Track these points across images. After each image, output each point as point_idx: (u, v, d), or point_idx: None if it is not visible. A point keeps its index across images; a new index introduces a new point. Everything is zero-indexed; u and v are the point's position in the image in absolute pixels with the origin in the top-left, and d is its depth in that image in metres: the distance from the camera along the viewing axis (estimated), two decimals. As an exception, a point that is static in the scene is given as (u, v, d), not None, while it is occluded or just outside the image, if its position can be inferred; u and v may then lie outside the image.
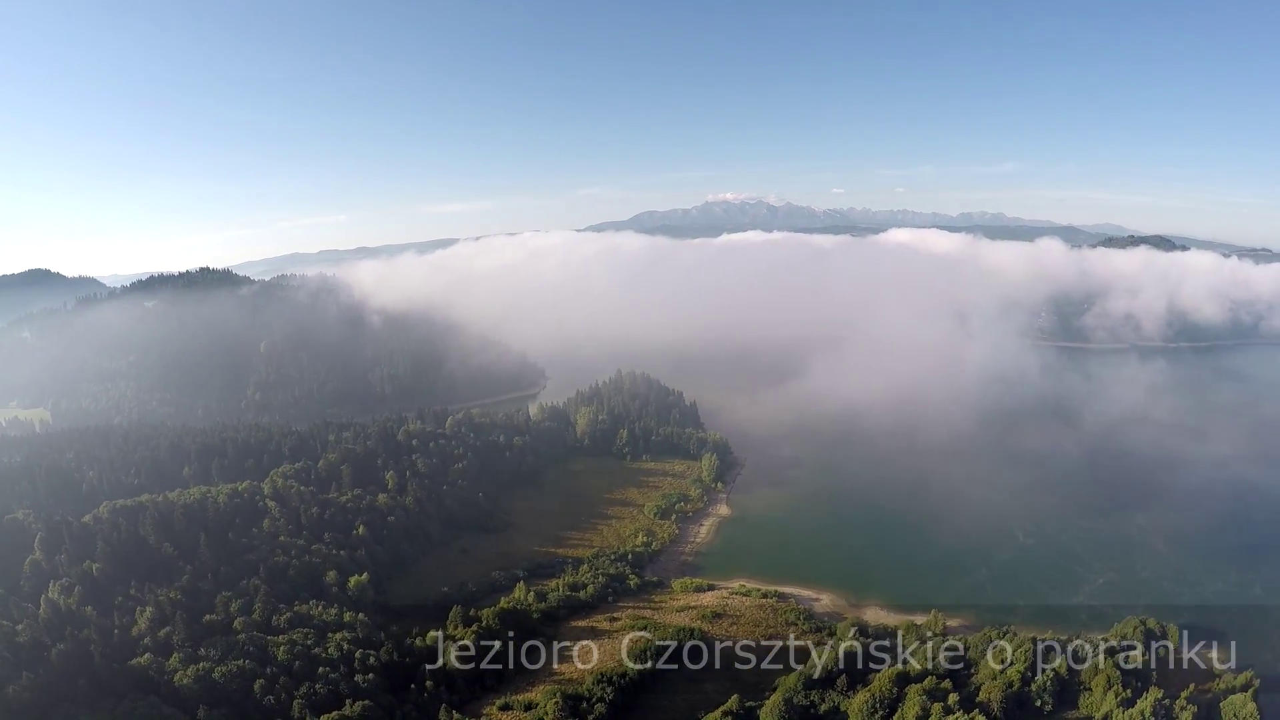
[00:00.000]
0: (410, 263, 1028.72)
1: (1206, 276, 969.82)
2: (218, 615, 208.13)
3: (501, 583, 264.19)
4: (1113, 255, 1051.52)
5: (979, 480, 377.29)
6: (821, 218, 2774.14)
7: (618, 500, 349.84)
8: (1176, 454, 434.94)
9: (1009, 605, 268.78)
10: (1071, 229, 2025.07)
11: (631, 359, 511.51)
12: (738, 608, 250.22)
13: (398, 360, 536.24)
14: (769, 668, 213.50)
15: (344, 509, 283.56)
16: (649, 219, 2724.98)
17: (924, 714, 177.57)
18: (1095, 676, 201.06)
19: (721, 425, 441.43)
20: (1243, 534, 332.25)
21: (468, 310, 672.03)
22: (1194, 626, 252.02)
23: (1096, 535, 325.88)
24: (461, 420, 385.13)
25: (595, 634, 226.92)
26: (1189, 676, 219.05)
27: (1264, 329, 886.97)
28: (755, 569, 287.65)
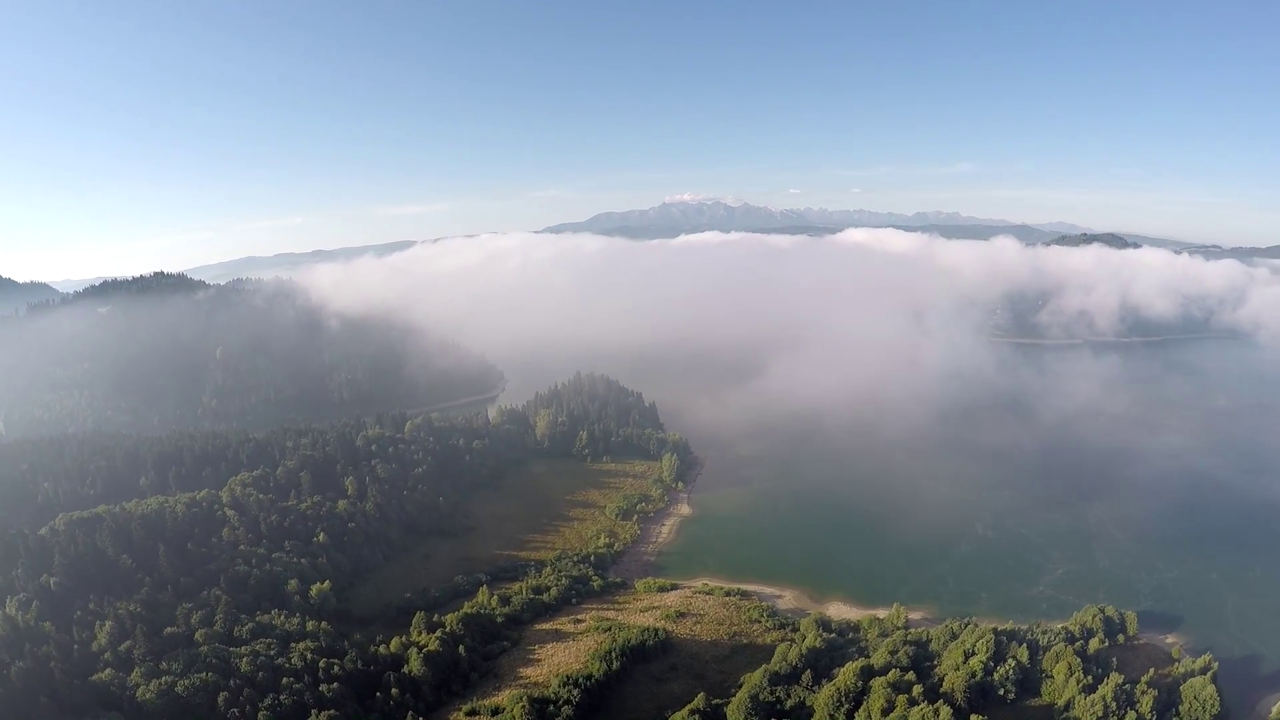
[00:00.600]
0: (368, 265, 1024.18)
1: (1158, 273, 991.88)
2: (179, 627, 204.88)
3: (464, 587, 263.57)
4: (1066, 253, 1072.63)
5: (938, 475, 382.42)
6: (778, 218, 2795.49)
7: (579, 502, 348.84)
8: (1131, 446, 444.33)
9: (971, 597, 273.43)
10: (1026, 228, 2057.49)
11: (591, 361, 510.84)
12: (701, 607, 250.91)
13: (356, 365, 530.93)
14: (734, 665, 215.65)
15: (304, 516, 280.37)
16: (607, 220, 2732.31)
17: (889, 706, 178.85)
18: (1057, 664, 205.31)
19: (682, 425, 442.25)
20: (1198, 522, 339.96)
21: (427, 313, 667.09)
22: (1152, 613, 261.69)
23: (1055, 527, 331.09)
24: (421, 425, 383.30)
25: (560, 636, 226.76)
26: (1149, 661, 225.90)
27: (1215, 323, 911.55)
28: (718, 567, 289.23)
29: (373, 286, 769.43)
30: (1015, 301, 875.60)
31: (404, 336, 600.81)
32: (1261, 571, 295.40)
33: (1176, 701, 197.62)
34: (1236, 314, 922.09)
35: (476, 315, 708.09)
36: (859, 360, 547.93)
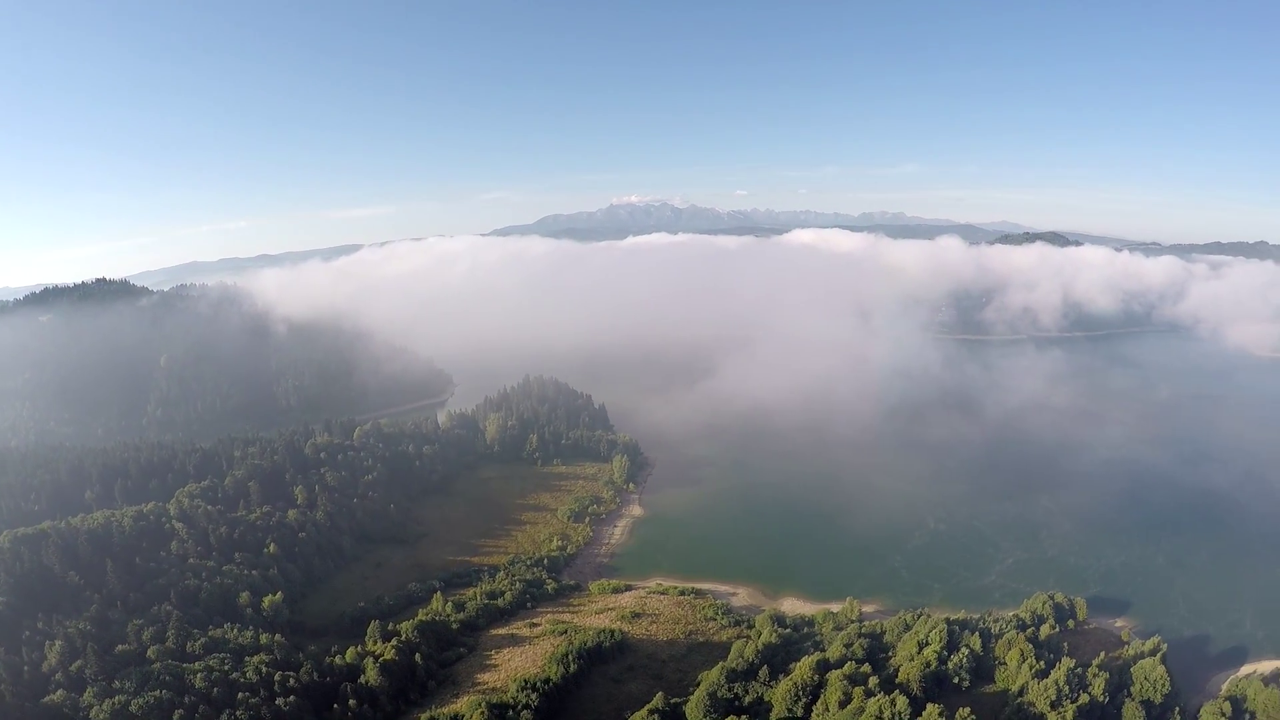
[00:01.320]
0: (315, 270, 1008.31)
1: (1100, 270, 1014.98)
2: (130, 645, 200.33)
3: (418, 594, 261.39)
4: (1010, 251, 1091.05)
5: (888, 471, 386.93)
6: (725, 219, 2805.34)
7: (531, 505, 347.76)
8: (1076, 438, 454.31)
9: (925, 588, 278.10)
10: (970, 227, 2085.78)
11: (541, 364, 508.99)
12: (656, 607, 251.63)
13: (303, 371, 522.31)
14: (691, 664, 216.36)
15: (253, 527, 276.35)
16: (554, 222, 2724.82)
17: (846, 698, 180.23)
18: (1009, 651, 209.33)
19: (632, 427, 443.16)
20: (1143, 510, 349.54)
21: (375, 318, 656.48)
22: (1101, 598, 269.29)
23: (1004, 517, 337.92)
24: (370, 431, 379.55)
25: (516, 641, 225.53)
26: (1099, 645, 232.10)
27: (1155, 317, 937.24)
28: (671, 567, 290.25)
29: (320, 291, 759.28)
30: (961, 299, 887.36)
31: (352, 342, 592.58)
32: (1207, 555, 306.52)
33: (1128, 683, 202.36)
34: (1176, 308, 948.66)
35: (425, 319, 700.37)
36: (808, 360, 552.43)
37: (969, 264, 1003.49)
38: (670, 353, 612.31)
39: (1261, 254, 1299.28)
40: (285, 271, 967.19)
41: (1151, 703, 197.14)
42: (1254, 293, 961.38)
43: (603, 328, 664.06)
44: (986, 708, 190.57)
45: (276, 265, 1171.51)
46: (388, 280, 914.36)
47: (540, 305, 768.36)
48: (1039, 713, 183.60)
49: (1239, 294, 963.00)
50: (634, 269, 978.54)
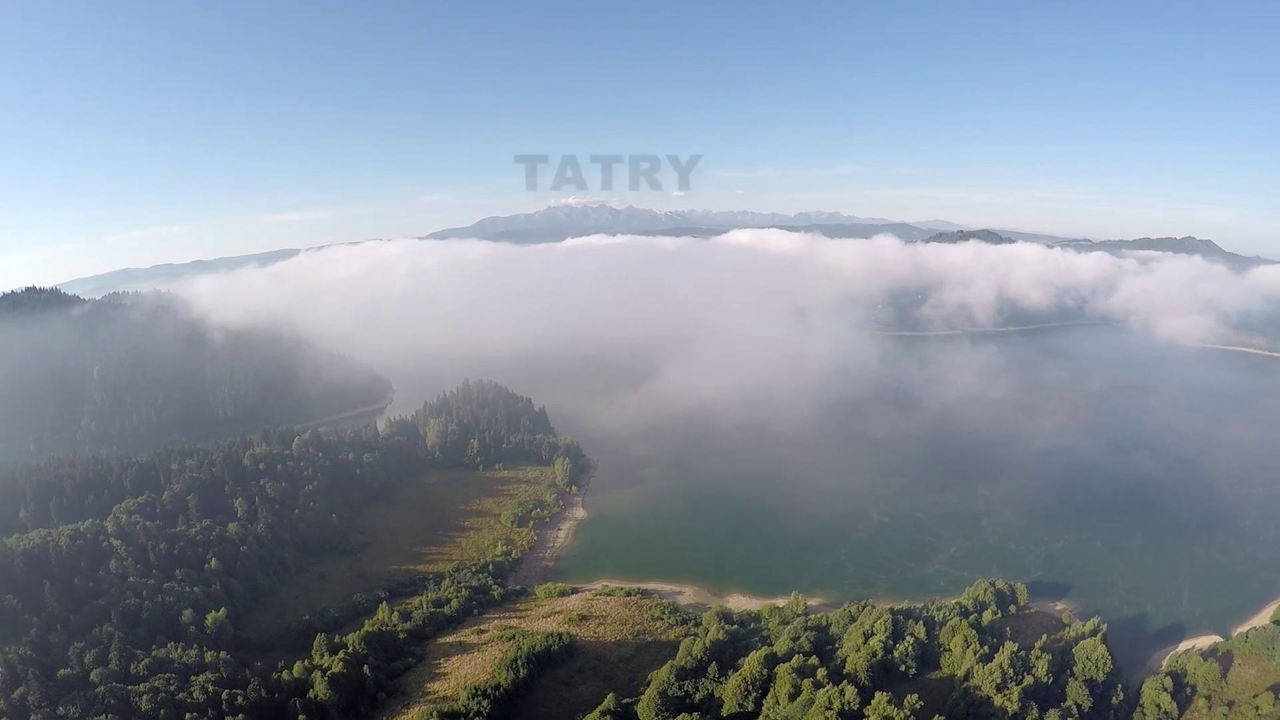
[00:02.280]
0: (251, 276, 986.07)
1: (1033, 266, 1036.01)
2: (72, 669, 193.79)
3: (364, 605, 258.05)
4: (945, 249, 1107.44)
5: (830, 466, 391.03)
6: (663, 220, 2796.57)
7: (474, 511, 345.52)
8: (1012, 429, 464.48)
9: (871, 579, 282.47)
10: (905, 226, 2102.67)
11: (482, 368, 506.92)
12: (603, 608, 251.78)
13: (240, 380, 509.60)
14: (640, 663, 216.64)
15: (194, 542, 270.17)
16: (492, 225, 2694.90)
17: (795, 690, 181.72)
18: (953, 638, 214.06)
19: (574, 429, 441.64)
20: (1080, 497, 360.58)
21: (313, 324, 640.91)
22: (1042, 583, 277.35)
23: (945, 508, 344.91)
24: (309, 440, 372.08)
25: (464, 648, 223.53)
26: (1041, 628, 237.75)
27: (1088, 311, 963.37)
28: (617, 568, 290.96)
29: (256, 298, 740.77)
30: (897, 297, 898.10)
31: (289, 349, 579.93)
32: (1142, 538, 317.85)
33: (1070, 663, 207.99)
34: (1108, 302, 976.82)
35: (364, 325, 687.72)
36: (747, 359, 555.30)
37: (905, 262, 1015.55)
38: (611, 354, 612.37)
39: (1189, 249, 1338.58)
40: (220, 278, 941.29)
41: (1094, 681, 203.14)
42: (1182, 286, 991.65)
43: (543, 331, 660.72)
44: (934, 693, 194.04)
45: (211, 271, 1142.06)
46: (326, 286, 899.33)
47: (480, 309, 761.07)
48: (985, 696, 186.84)
49: (1168, 288, 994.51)
50: (573, 271, 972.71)
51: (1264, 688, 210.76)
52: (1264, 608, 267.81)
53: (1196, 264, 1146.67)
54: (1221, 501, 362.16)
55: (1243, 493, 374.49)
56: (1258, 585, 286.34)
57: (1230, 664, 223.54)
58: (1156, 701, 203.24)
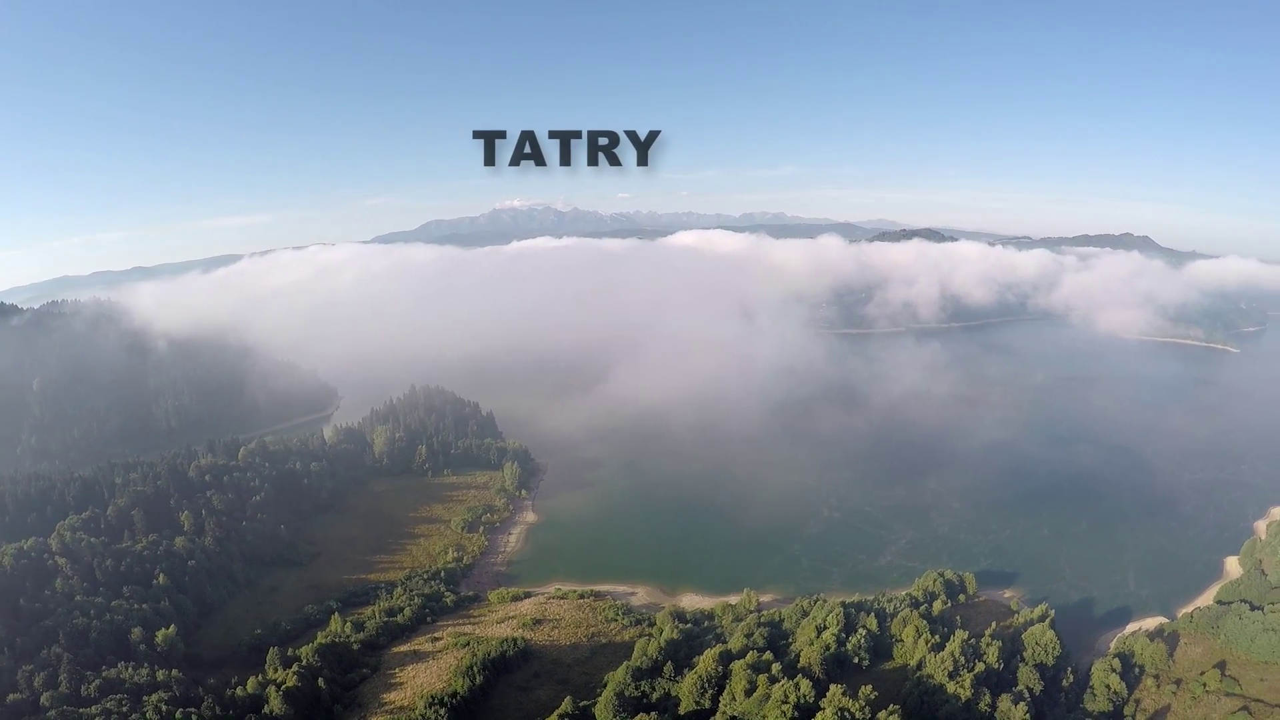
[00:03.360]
0: (195, 283, 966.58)
1: (975, 264, 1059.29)
2: (22, 693, 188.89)
3: (316, 617, 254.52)
4: (889, 248, 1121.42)
5: (780, 464, 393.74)
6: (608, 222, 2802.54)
7: (424, 518, 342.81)
8: (958, 423, 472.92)
9: (824, 573, 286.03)
10: (849, 225, 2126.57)
11: (429, 374, 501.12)
12: (557, 612, 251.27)
13: (184, 390, 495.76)
14: (596, 665, 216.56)
15: (141, 558, 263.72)
16: (437, 228, 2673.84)
17: (751, 686, 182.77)
18: (905, 628, 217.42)
19: (523, 433, 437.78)
20: (1026, 486, 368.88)
21: (258, 332, 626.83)
22: (990, 572, 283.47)
23: (895, 501, 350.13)
24: (255, 450, 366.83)
25: (419, 657, 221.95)
26: (990, 616, 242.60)
27: (1030, 307, 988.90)
28: (569, 571, 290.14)
29: (200, 305, 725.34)
30: (843, 295, 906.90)
31: (234, 357, 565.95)
32: (1087, 524, 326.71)
33: (1020, 649, 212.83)
34: (1049, 298, 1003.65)
35: (310, 332, 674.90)
36: (696, 360, 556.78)
37: (849, 261, 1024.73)
38: (559, 357, 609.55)
39: (1127, 245, 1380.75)
40: (163, 285, 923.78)
41: (1045, 666, 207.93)
42: (1121, 281, 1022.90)
43: (491, 335, 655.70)
44: (888, 684, 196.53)
45: (153, 278, 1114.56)
46: (271, 292, 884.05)
47: (427, 314, 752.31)
48: (938, 684, 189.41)
49: (1107, 283, 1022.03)
50: (521, 274, 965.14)
51: (1210, 665, 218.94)
52: (1207, 588, 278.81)
53: (1135, 260, 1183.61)
54: (1163, 488, 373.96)
55: (1183, 478, 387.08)
56: (1200, 567, 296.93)
57: (1176, 644, 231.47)
58: (1106, 682, 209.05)
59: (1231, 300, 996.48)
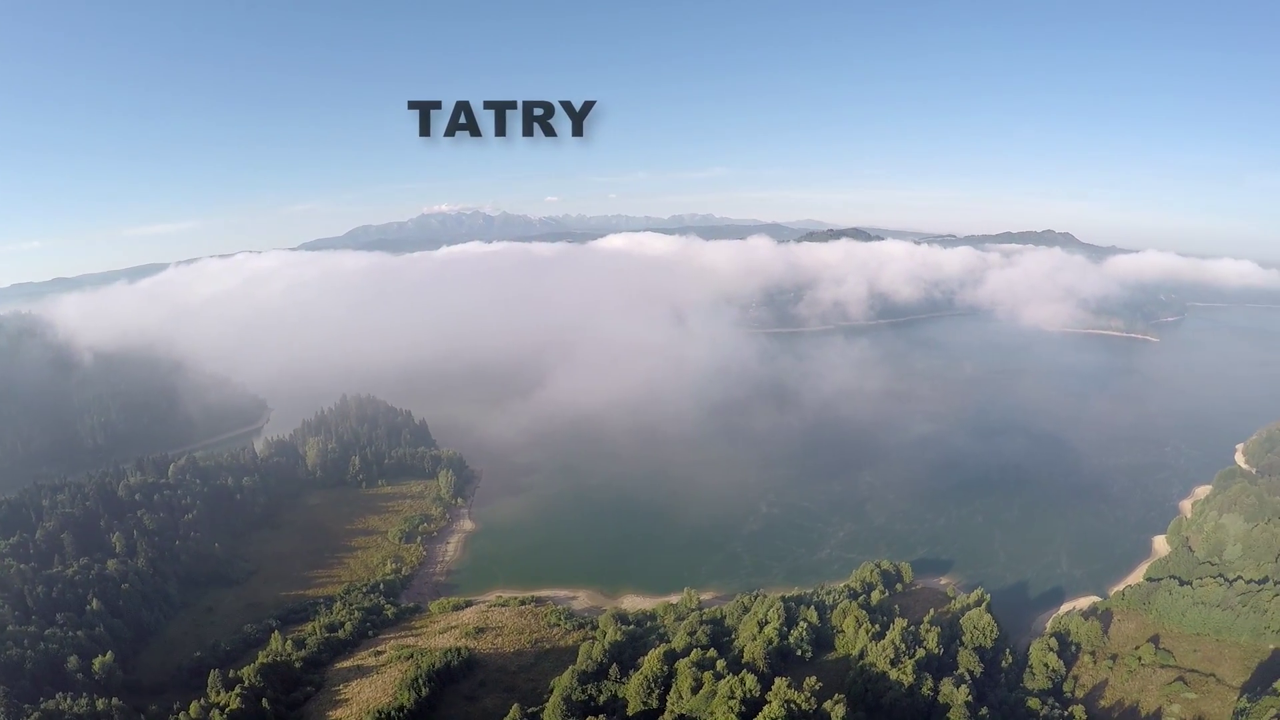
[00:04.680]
0: (121, 294, 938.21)
1: (902, 262, 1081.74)
2: None
3: (256, 636, 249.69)
4: (817, 248, 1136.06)
5: (718, 464, 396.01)
6: (538, 226, 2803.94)
7: (360, 530, 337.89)
8: (891, 417, 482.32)
9: (766, 568, 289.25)
10: (777, 226, 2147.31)
11: (362, 383, 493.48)
12: (499, 619, 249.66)
13: (110, 405, 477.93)
14: (541, 671, 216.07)
15: (72, 583, 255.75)
16: (365, 234, 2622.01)
17: (697, 684, 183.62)
18: (845, 619, 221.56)
19: (457, 441, 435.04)
20: (958, 475, 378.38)
21: (187, 344, 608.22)
22: (926, 560, 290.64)
23: (831, 495, 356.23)
24: (185, 466, 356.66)
25: (363, 672, 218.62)
26: (928, 603, 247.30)
27: (957, 302, 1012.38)
28: (509, 578, 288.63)
29: (127, 317, 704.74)
30: (774, 295, 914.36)
31: (162, 370, 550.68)
32: (1019, 510, 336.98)
33: (959, 634, 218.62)
34: (976, 294, 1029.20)
35: (240, 343, 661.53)
36: (631, 363, 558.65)
37: (779, 261, 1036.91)
38: (492, 363, 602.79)
39: (1049, 241, 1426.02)
40: (87, 296, 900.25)
41: (984, 648, 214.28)
42: (1044, 276, 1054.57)
43: (423, 342, 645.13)
44: (832, 674, 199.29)
45: (75, 289, 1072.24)
46: (199, 302, 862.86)
47: (359, 322, 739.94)
48: (881, 672, 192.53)
49: (1031, 278, 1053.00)
50: (452, 280, 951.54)
51: (1144, 639, 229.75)
52: (1137, 566, 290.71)
53: (1057, 255, 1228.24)
54: (1090, 472, 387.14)
55: (1110, 462, 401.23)
56: (1130, 545, 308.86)
57: (1110, 621, 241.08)
58: (1044, 661, 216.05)
59: (1151, 292, 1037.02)
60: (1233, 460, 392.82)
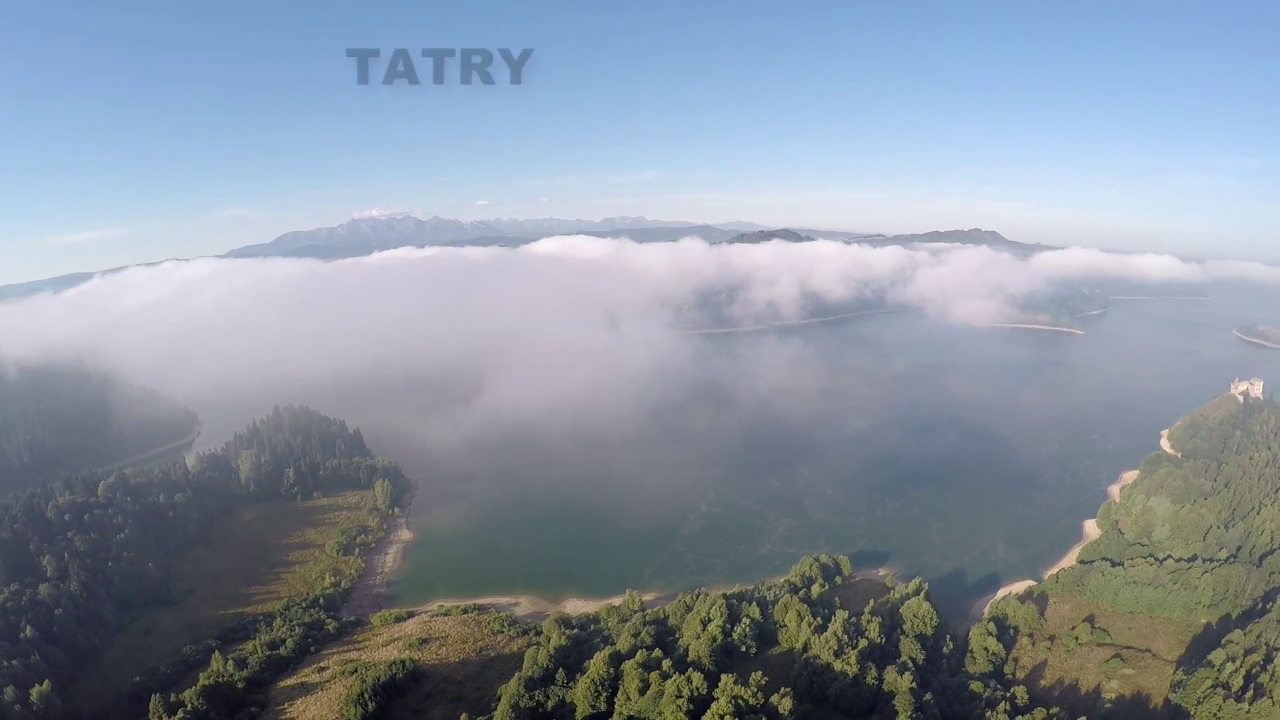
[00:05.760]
0: (45, 305, 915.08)
1: (833, 262, 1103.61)
2: None
3: (196, 657, 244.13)
4: (749, 249, 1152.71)
5: (657, 465, 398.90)
6: (469, 230, 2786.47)
7: (297, 544, 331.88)
8: (826, 413, 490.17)
9: (709, 566, 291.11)
10: (709, 228, 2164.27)
11: (296, 393, 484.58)
12: (442, 629, 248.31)
13: (36, 422, 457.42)
14: (488, 680, 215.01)
15: (3, 610, 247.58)
16: (294, 240, 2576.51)
17: (644, 684, 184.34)
18: (787, 614, 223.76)
19: (393, 450, 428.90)
20: (893, 468, 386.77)
21: (116, 356, 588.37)
22: (865, 552, 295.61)
23: (770, 492, 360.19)
24: (115, 484, 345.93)
25: (307, 689, 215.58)
26: (868, 594, 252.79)
27: (888, 300, 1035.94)
28: (450, 587, 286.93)
29: (53, 329, 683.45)
30: (707, 297, 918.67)
31: (90, 385, 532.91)
32: (953, 500, 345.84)
33: (900, 623, 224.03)
34: (906, 292, 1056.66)
35: (170, 354, 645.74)
36: (568, 368, 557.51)
37: (712, 263, 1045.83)
38: (428, 370, 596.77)
39: (977, 240, 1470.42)
40: (10, 308, 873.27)
41: (925, 636, 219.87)
42: (972, 274, 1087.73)
43: (357, 349, 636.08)
44: (777, 668, 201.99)
45: None
46: (128, 313, 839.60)
47: (292, 331, 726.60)
48: (825, 664, 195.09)
49: (959, 276, 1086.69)
50: (385, 286, 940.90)
51: (1080, 620, 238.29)
52: (1070, 549, 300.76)
53: (984, 253, 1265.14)
54: (1022, 461, 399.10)
55: (1040, 451, 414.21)
56: (1062, 530, 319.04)
57: (1046, 603, 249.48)
58: (984, 645, 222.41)
59: (1075, 287, 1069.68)
60: (1158, 446, 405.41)
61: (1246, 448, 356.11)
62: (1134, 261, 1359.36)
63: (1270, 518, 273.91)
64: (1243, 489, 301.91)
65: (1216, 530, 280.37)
